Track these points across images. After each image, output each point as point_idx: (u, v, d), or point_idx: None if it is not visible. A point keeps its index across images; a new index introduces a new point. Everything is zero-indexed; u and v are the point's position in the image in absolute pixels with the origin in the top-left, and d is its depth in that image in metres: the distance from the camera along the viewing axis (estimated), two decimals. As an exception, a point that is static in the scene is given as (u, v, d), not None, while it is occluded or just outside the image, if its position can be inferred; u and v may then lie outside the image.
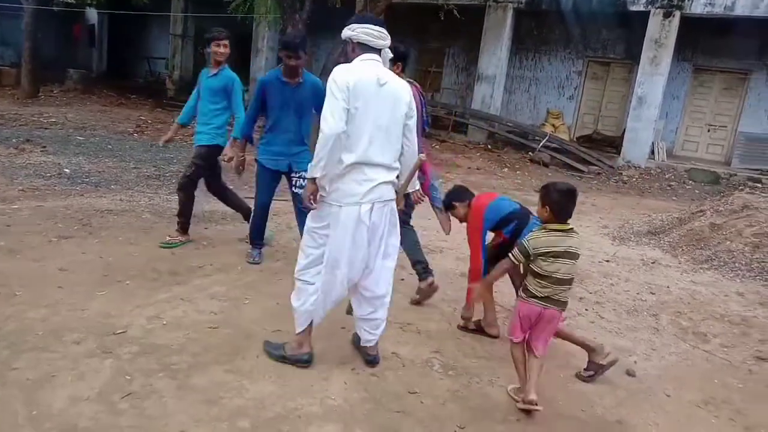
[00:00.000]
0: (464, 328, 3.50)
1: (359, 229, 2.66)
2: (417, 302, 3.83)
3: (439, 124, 14.00)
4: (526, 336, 2.74)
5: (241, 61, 17.69)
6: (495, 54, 13.42)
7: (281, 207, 6.03)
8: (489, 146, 13.01)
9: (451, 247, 5.27)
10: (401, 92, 2.75)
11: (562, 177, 11.27)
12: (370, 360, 2.93)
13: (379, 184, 2.68)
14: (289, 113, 4.04)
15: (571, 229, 2.63)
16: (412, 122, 2.82)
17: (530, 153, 12.59)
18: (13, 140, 8.41)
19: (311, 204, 2.65)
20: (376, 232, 2.73)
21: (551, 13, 13.34)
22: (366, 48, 2.72)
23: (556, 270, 2.59)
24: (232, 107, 4.43)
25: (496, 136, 13.48)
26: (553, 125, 13.93)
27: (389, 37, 2.76)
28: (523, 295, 2.72)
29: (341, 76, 2.56)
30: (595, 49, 14.05)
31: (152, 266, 3.94)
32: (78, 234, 4.40)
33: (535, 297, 2.65)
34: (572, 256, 2.61)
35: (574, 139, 13.71)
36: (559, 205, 2.60)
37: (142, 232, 4.64)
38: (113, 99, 15.49)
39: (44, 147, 8.00)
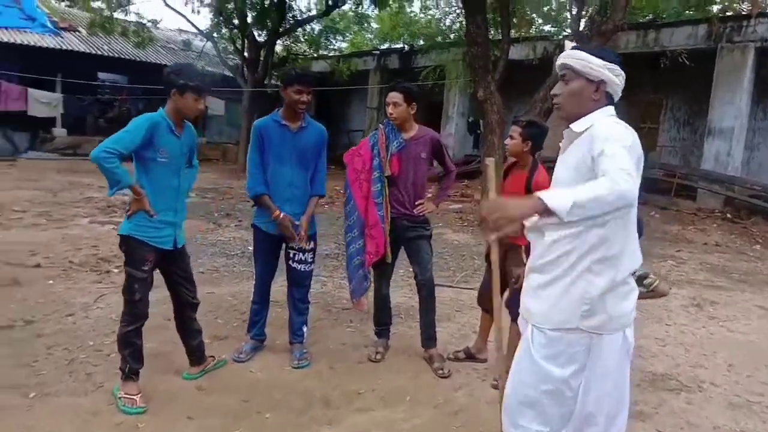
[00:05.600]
0: (455, 359, 3.60)
1: (624, 363, 1.88)
2: None
3: (657, 187, 11.82)
4: None
5: (431, 128, 17.60)
6: (732, 103, 11.00)
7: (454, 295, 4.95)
8: (728, 215, 10.46)
9: (714, 379, 3.61)
10: None
11: None
12: None
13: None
14: (291, 164, 3.34)
15: None
16: None
17: (791, 224, 9.76)
18: (215, 215, 8.82)
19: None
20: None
21: (812, 48, 10.61)
22: (610, 100, 1.87)
23: None
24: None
25: (736, 202, 10.85)
26: (821, 188, 10.81)
27: None
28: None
29: (632, 133, 1.73)
30: None
31: (303, 387, 3.14)
32: (234, 334, 3.85)
33: None
34: None
35: None
36: None
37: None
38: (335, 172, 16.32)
39: (240, 221, 8.18)
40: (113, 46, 17.55)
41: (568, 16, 15.39)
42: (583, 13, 11.56)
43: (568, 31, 15.07)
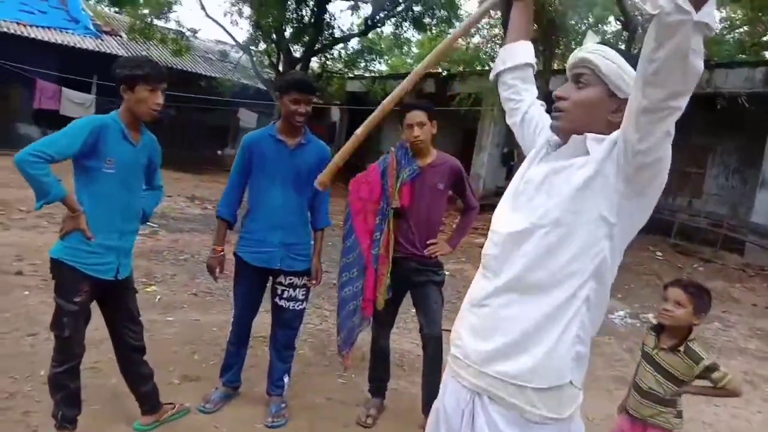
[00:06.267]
0: None
1: None
2: None
3: (701, 238, 11.01)
4: None
5: (462, 158, 17.10)
6: (790, 153, 10.20)
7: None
8: (780, 274, 9.58)
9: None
10: None
11: None
12: None
13: None
14: (284, 185, 2.85)
15: None
16: None
17: None
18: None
19: None
20: None
21: None
22: None
23: None
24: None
25: (789, 260, 9.96)
26: None
27: None
28: None
29: None
30: None
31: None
32: (208, 375, 3.33)
33: None
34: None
35: None
36: None
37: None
38: (340, 191, 15.89)
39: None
40: (152, 52, 17.64)
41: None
42: (633, 49, 11.00)
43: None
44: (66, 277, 2.30)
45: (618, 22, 11.78)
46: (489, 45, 18.45)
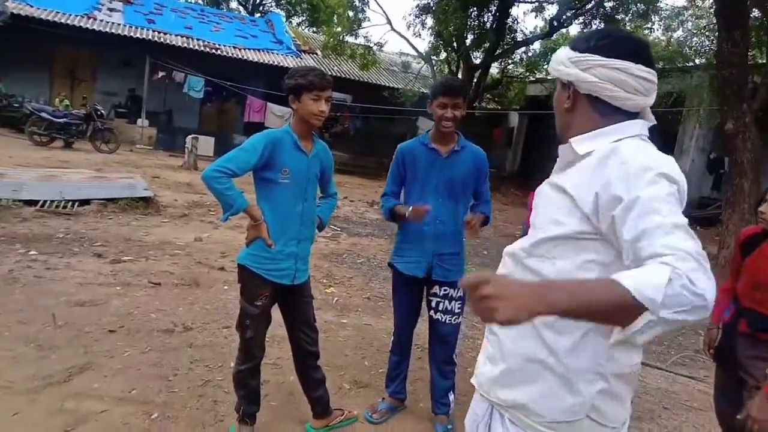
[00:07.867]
0: None
1: None
2: None
3: None
4: None
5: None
6: None
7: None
8: None
9: None
10: None
11: None
12: None
13: None
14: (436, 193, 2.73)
15: None
16: None
17: None
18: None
19: None
20: None
21: None
22: (615, 113, 1.27)
23: None
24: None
25: None
26: None
27: None
28: None
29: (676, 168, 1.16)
30: None
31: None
32: (376, 383, 3.34)
33: None
34: None
35: None
36: None
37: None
38: (517, 198, 15.36)
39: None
40: (342, 67, 18.99)
41: None
42: None
43: None
44: (249, 282, 2.46)
45: None
46: (694, 39, 16.38)
